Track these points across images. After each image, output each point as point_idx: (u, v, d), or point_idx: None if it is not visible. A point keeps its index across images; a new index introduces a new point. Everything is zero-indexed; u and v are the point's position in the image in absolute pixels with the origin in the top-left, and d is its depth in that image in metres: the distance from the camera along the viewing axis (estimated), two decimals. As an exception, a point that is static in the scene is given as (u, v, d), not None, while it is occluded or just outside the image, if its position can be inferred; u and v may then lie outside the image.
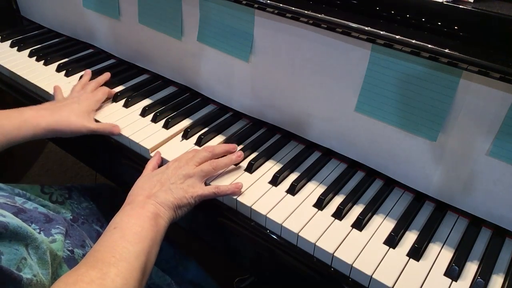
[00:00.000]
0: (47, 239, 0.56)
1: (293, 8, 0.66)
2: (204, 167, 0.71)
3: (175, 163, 0.72)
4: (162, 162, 0.78)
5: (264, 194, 0.71)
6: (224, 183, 0.72)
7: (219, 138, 0.83)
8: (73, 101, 0.84)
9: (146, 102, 0.92)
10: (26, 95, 0.98)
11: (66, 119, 0.80)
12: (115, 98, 0.92)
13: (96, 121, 0.86)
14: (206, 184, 0.72)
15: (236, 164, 0.76)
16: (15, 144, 0.77)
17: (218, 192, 0.70)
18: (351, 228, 0.66)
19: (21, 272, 0.47)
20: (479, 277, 0.58)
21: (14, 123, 0.76)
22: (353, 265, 0.60)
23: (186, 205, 0.68)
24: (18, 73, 0.99)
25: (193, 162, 0.72)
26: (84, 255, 0.65)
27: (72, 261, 0.63)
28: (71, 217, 0.70)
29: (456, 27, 0.54)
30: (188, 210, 0.69)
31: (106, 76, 0.96)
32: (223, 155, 0.76)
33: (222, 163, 0.74)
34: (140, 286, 0.56)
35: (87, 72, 0.98)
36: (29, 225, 0.56)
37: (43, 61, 1.04)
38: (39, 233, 0.59)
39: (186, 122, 0.87)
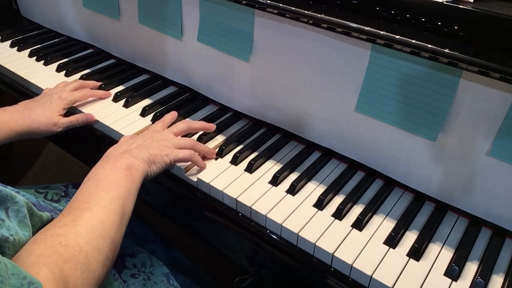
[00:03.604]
0: (29, 202, 0.56)
1: (293, 8, 0.66)
2: (183, 141, 0.74)
3: (151, 131, 0.76)
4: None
5: (264, 194, 0.71)
6: (221, 183, 0.72)
7: (219, 138, 0.83)
8: (45, 101, 0.84)
9: (146, 102, 0.92)
10: (26, 95, 0.98)
11: (37, 121, 0.80)
12: (115, 98, 0.92)
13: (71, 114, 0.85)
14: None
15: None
16: None
17: (193, 158, 0.72)
18: (351, 228, 0.66)
19: None
20: (479, 277, 0.58)
21: None
22: (353, 265, 0.60)
23: (161, 162, 0.69)
24: (18, 73, 0.99)
25: (170, 130, 0.75)
26: None
27: None
28: None
29: (456, 27, 0.54)
30: (163, 169, 0.70)
31: (95, 83, 0.95)
32: (200, 131, 0.81)
33: (201, 147, 0.76)
34: (119, 230, 0.57)
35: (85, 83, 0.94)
36: None
37: (43, 61, 1.04)
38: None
39: (186, 122, 0.87)
